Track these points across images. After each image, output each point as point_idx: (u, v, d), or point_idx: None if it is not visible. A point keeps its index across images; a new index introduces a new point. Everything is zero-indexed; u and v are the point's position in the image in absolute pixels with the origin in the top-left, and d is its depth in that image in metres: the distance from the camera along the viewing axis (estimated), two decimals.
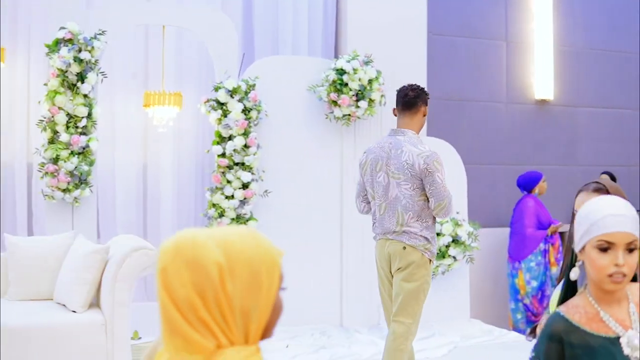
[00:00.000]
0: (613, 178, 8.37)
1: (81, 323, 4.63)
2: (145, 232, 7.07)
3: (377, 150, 4.60)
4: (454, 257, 7.07)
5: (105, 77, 6.36)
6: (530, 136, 8.66)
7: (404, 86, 4.66)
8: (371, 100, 6.87)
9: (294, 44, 7.59)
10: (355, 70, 6.79)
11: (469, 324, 7.08)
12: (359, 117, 6.93)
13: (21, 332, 4.47)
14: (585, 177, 8.52)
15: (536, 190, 7.89)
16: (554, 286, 7.70)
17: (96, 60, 6.28)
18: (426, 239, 4.47)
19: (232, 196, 6.62)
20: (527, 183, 7.83)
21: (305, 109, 7.01)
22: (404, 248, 4.41)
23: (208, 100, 6.65)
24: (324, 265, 7.03)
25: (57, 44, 6.22)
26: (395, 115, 4.66)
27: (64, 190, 6.22)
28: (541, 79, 8.65)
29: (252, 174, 6.65)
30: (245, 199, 6.64)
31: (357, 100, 6.84)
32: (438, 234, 6.94)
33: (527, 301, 7.72)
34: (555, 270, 7.83)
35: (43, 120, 6.20)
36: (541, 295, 7.75)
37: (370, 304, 7.02)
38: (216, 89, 6.64)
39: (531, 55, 8.68)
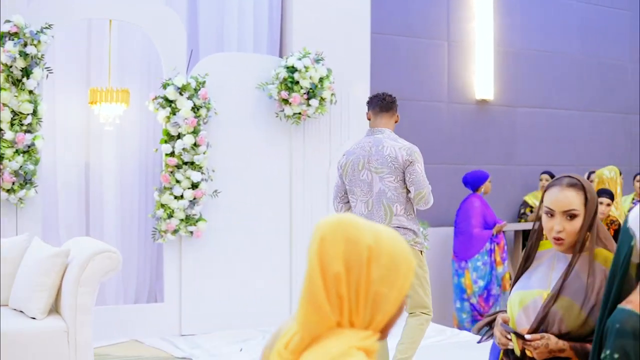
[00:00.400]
0: (554, 177, 8.52)
1: (41, 330, 4.43)
2: (88, 234, 6.83)
3: (358, 150, 4.79)
4: None
5: (51, 72, 6.13)
6: (471, 136, 8.75)
7: (379, 93, 4.96)
8: (322, 99, 6.81)
9: (239, 40, 7.45)
10: (306, 68, 6.72)
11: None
12: (309, 116, 6.86)
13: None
14: (524, 176, 8.70)
15: (482, 189, 7.95)
16: (500, 285, 7.81)
17: (42, 55, 6.03)
18: (414, 232, 4.69)
19: (182, 196, 6.46)
20: (475, 181, 7.88)
21: (254, 107, 6.91)
22: None
23: (156, 98, 6.47)
24: (274, 266, 6.94)
25: (2, 37, 5.95)
26: (369, 119, 4.91)
27: (8, 191, 5.96)
28: (481, 79, 8.75)
29: (202, 173, 6.51)
30: (195, 199, 6.50)
31: (308, 99, 6.77)
32: None
33: (473, 300, 7.79)
34: (500, 269, 7.91)
35: None
36: (487, 294, 7.82)
37: None
38: (164, 86, 6.47)
39: (472, 55, 8.76)
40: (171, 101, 6.46)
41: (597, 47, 9.68)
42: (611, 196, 6.46)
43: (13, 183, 5.96)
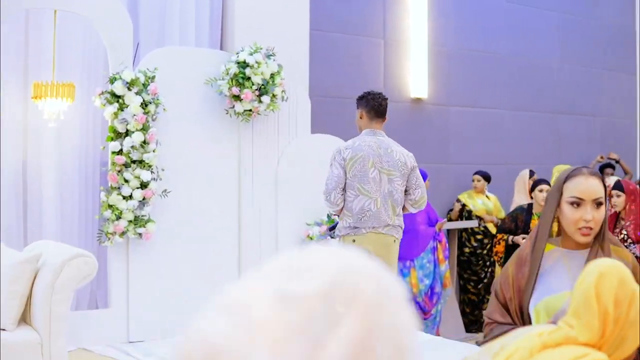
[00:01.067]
0: (487, 177, 8.61)
1: (13, 342, 4.09)
2: (26, 236, 6.39)
3: (365, 148, 4.96)
4: None
5: None
6: (406, 134, 8.70)
7: (375, 94, 5.23)
8: (274, 95, 6.61)
9: (181, 35, 7.16)
10: (258, 63, 6.51)
11: None
12: (259, 113, 6.65)
13: None
14: (458, 175, 8.73)
15: None
16: (441, 283, 7.81)
17: None
18: (401, 228, 5.16)
19: (131, 196, 6.14)
20: None
21: (203, 103, 6.64)
22: (394, 241, 4.96)
23: (103, 93, 6.13)
24: (222, 268, 6.70)
25: None
26: (361, 118, 5.21)
27: None
28: (416, 77, 8.73)
29: (152, 172, 6.21)
30: (144, 199, 6.19)
31: (260, 95, 6.56)
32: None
33: (419, 299, 7.74)
34: (443, 267, 7.91)
35: None
36: (431, 292, 7.80)
37: None
38: (111, 81, 6.13)
39: (407, 54, 8.74)
40: (119, 96, 6.12)
41: (526, 48, 9.84)
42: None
43: None
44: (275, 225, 6.86)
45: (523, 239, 6.72)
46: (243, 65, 6.49)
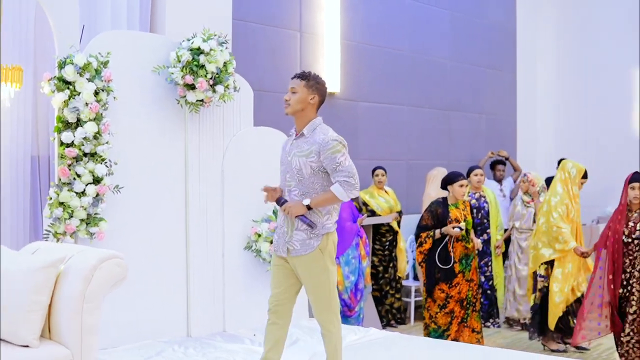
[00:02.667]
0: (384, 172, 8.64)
1: None
2: None
3: None
4: None
5: None
6: None
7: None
8: (227, 85, 6.27)
9: (112, 18, 6.67)
10: (213, 50, 6.14)
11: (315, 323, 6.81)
12: (211, 102, 6.29)
13: None
14: (367, 170, 8.71)
15: None
16: (364, 278, 7.76)
17: None
18: None
19: (84, 192, 5.59)
20: None
21: (150, 92, 6.17)
22: None
23: (52, 79, 5.55)
24: (171, 268, 6.27)
25: None
26: (311, 100, 4.73)
27: None
28: (329, 72, 8.62)
29: (106, 166, 5.69)
30: (97, 195, 5.65)
31: (214, 85, 6.19)
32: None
33: (345, 296, 7.65)
34: (365, 263, 7.88)
35: None
36: (355, 289, 7.73)
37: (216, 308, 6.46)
38: (61, 65, 5.56)
39: (322, 47, 8.61)
40: (69, 83, 5.56)
41: (422, 45, 10.00)
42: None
43: None
44: (222, 222, 6.53)
45: (454, 227, 6.89)
46: (197, 52, 6.09)
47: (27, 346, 3.63)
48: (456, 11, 10.52)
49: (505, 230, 8.83)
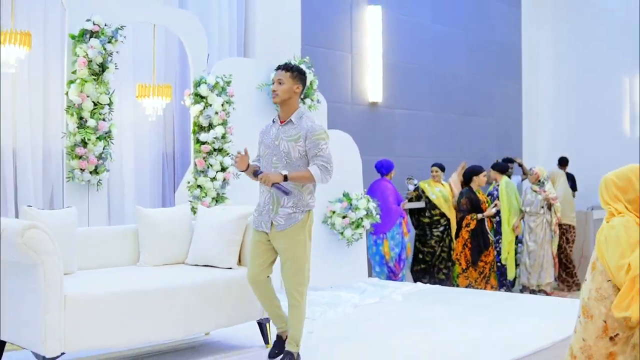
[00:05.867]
0: (442, 168, 10.49)
1: (238, 277, 5.50)
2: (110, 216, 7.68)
3: None
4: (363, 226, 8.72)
5: (117, 68, 6.95)
6: (365, 132, 10.62)
7: None
8: (312, 99, 8.28)
9: (219, 46, 8.68)
10: None
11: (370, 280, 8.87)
12: None
13: (194, 289, 5.16)
14: (402, 165, 10.71)
15: (392, 175, 9.77)
16: (405, 250, 9.73)
17: (117, 52, 6.86)
18: None
19: (215, 178, 7.58)
20: (387, 167, 9.70)
21: (255, 104, 8.15)
22: None
23: (191, 94, 7.54)
24: None
25: (83, 34, 6.70)
26: (296, 92, 5.04)
27: (91, 172, 6.73)
28: (373, 85, 10.67)
29: (230, 158, 7.68)
30: (225, 180, 7.65)
31: (303, 99, 8.20)
32: (357, 208, 8.57)
33: (391, 264, 9.57)
34: (407, 238, 9.81)
35: (72, 106, 6.64)
36: (399, 259, 9.66)
37: None
38: (196, 84, 7.55)
39: (367, 65, 10.66)
40: (203, 97, 7.55)
41: (442, 60, 12.08)
42: None
43: (96, 166, 6.74)
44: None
45: (494, 207, 9.00)
46: None
47: (230, 268, 5.61)
48: (470, 31, 12.62)
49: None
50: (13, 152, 7.00)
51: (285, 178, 4.85)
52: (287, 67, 5.01)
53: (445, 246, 10.26)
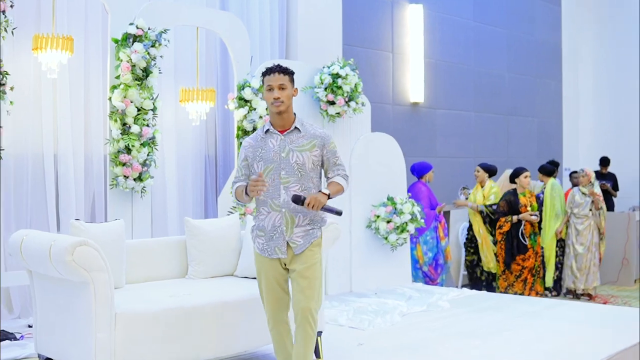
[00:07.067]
0: (486, 169, 10.22)
1: None
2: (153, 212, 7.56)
3: None
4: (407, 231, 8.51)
5: (161, 73, 6.81)
6: (406, 133, 10.42)
7: None
8: (357, 102, 8.09)
9: (260, 48, 8.52)
10: (347, 75, 7.95)
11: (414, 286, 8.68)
12: (346, 114, 8.07)
13: (245, 303, 5.01)
14: (442, 167, 10.51)
15: (426, 177, 9.57)
16: (444, 256, 9.50)
17: (161, 56, 6.71)
18: None
19: None
20: (420, 170, 9.46)
21: (299, 106, 7.97)
22: None
23: (236, 98, 7.38)
24: None
25: (126, 39, 6.56)
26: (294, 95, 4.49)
27: (135, 179, 6.59)
28: (415, 85, 10.46)
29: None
30: None
31: (348, 101, 8.01)
32: (401, 212, 8.38)
33: (425, 269, 9.33)
34: (444, 243, 9.56)
35: (115, 112, 6.51)
36: (435, 264, 9.43)
37: None
38: (240, 88, 7.39)
39: (408, 65, 10.45)
40: (247, 101, 7.39)
41: (484, 59, 11.84)
42: None
43: (140, 173, 6.60)
44: (350, 206, 8.30)
45: (531, 215, 8.73)
46: (335, 76, 7.91)
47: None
48: (511, 30, 12.38)
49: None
50: (54, 159, 6.88)
51: (329, 196, 4.34)
52: (285, 70, 4.37)
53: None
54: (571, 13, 13.89)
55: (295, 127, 4.37)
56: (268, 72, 4.35)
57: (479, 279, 9.96)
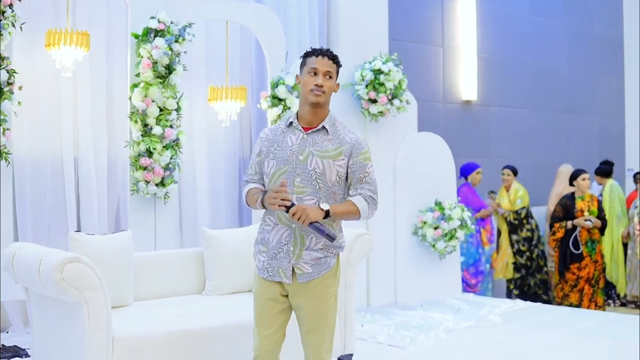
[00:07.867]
0: (515, 171, 9.48)
1: None
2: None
3: None
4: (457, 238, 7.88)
5: (185, 70, 6.32)
6: (458, 132, 9.79)
7: None
8: (402, 100, 7.49)
9: (299, 43, 7.98)
10: (390, 71, 7.37)
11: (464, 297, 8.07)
12: (389, 113, 7.48)
13: None
14: (497, 168, 9.83)
15: (469, 179, 8.89)
16: (489, 262, 8.85)
17: (185, 52, 6.23)
18: None
19: None
20: (462, 170, 8.83)
21: (339, 105, 7.42)
22: None
23: (271, 96, 6.86)
24: None
25: (147, 34, 6.09)
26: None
27: (157, 185, 6.13)
28: (467, 81, 9.83)
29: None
30: None
31: (391, 99, 7.43)
32: (450, 218, 7.75)
33: (461, 275, 8.69)
34: (488, 248, 8.92)
35: (135, 112, 6.05)
36: (475, 270, 8.76)
37: None
38: (274, 85, 6.87)
39: (460, 60, 9.82)
40: (281, 99, 6.87)
41: (542, 54, 11.14)
42: None
43: (163, 177, 6.12)
44: (394, 211, 7.73)
45: (585, 220, 8.01)
46: (377, 72, 7.33)
47: None
48: (569, 23, 11.64)
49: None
50: (75, 162, 6.42)
51: (327, 214, 3.40)
52: (335, 58, 3.53)
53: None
54: (632, 6, 13.05)
55: (323, 127, 3.53)
56: (316, 52, 3.51)
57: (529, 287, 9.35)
